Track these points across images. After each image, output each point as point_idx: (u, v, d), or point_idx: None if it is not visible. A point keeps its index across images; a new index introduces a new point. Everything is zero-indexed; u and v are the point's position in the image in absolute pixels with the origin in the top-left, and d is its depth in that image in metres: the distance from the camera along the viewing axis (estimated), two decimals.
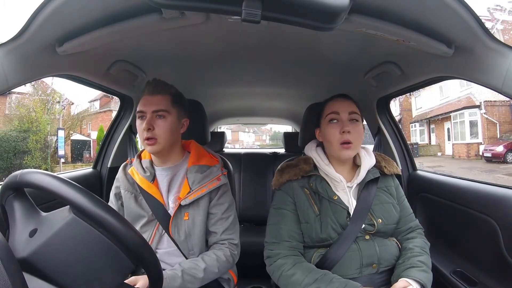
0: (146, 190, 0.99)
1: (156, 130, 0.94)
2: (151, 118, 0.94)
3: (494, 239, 0.92)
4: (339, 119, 0.94)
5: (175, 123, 0.98)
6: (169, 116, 0.96)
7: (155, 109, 0.94)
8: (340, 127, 0.93)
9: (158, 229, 1.00)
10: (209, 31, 0.92)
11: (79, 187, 0.53)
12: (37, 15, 0.68)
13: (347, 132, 0.91)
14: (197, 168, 1.02)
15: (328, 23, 0.58)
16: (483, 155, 11.65)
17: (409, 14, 0.70)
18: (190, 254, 0.99)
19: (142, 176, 1.00)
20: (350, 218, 0.91)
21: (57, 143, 11.80)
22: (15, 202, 0.58)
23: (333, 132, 0.93)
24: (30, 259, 0.51)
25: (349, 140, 0.91)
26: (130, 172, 1.03)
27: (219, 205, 1.02)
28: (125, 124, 1.52)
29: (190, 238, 0.98)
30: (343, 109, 0.94)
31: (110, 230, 0.53)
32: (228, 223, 1.03)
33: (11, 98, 12.42)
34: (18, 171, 0.56)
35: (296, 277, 0.84)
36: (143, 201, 1.00)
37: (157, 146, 0.95)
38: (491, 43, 0.71)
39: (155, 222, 0.99)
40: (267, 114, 2.74)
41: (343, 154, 0.92)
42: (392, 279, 0.88)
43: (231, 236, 1.03)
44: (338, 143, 0.92)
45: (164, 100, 0.96)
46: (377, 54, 1.09)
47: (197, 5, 0.56)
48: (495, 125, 12.44)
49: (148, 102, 0.95)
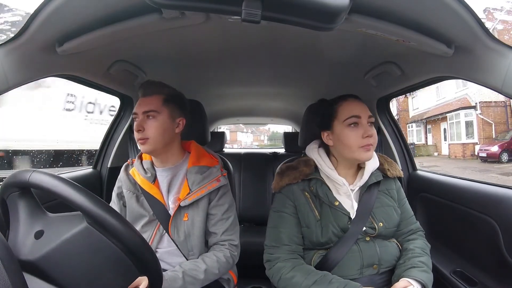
0: (147, 190, 1.00)
1: (147, 130, 0.95)
2: (142, 119, 0.95)
3: (494, 239, 0.92)
4: (360, 123, 0.91)
5: (167, 123, 0.97)
6: (159, 116, 0.96)
7: (145, 109, 0.95)
8: (361, 131, 0.90)
9: (158, 229, 1.00)
10: (209, 31, 0.92)
11: (92, 195, 0.53)
12: (37, 15, 0.68)
13: (370, 136, 0.89)
14: (197, 169, 1.02)
15: (328, 23, 0.58)
16: (478, 155, 11.70)
17: (409, 14, 0.70)
18: (189, 255, 0.99)
19: (143, 176, 1.01)
20: (351, 221, 0.90)
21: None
22: (20, 201, 0.57)
23: (354, 136, 0.90)
24: (38, 263, 0.51)
25: (371, 143, 0.90)
26: (132, 172, 1.03)
27: (219, 206, 1.02)
28: (125, 124, 1.52)
29: (190, 239, 0.99)
30: (364, 113, 0.91)
31: (110, 230, 0.53)
32: (228, 224, 1.03)
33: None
34: (27, 169, 0.55)
35: (295, 280, 0.84)
36: (144, 201, 1.00)
37: (148, 145, 0.95)
38: (491, 43, 0.71)
39: (156, 222, 1.00)
40: (267, 114, 2.74)
41: (364, 156, 0.90)
42: (393, 279, 0.88)
43: (231, 237, 1.02)
44: (358, 147, 0.90)
45: (155, 100, 0.97)
46: (377, 54, 1.09)
47: (197, 5, 0.56)
48: (490, 126, 12.46)
49: (141, 103, 0.97)
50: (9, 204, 0.58)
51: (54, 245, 0.52)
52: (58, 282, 0.51)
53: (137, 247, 0.55)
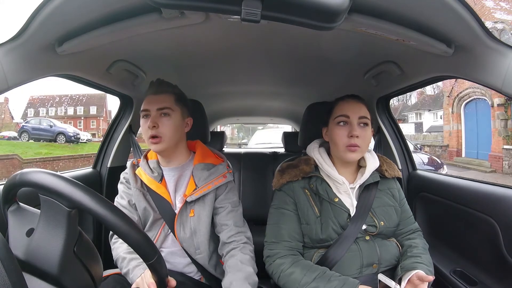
0: (154, 190, 0.99)
1: (161, 127, 0.94)
2: (155, 116, 0.95)
3: (494, 238, 0.92)
4: (348, 122, 0.93)
5: (179, 121, 0.99)
6: (174, 114, 0.97)
7: (160, 106, 0.95)
8: (348, 130, 0.92)
9: (163, 229, 1.00)
10: (208, 31, 0.92)
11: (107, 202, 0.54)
12: (37, 15, 0.67)
13: (355, 136, 0.90)
14: (202, 166, 1.02)
15: (328, 22, 0.58)
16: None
17: (409, 13, 0.70)
18: (197, 253, 0.98)
19: (150, 176, 1.00)
20: (350, 219, 0.91)
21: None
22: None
23: (340, 134, 0.92)
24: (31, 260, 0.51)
25: (356, 143, 0.90)
26: (138, 173, 1.03)
27: (227, 199, 1.02)
28: (124, 124, 1.52)
29: (196, 236, 0.98)
30: (354, 113, 0.93)
31: (121, 233, 0.54)
32: (238, 215, 1.03)
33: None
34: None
35: (295, 276, 0.85)
36: (151, 201, 1.00)
37: (162, 144, 0.95)
38: (491, 42, 0.71)
39: (161, 222, 1.00)
40: (267, 113, 2.74)
41: (348, 157, 0.92)
42: (400, 270, 0.87)
43: (242, 228, 1.02)
44: (344, 146, 0.91)
45: (168, 98, 0.97)
46: (377, 54, 1.09)
47: (197, 5, 0.56)
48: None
49: (152, 101, 0.96)
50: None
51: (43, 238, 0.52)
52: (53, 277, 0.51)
53: (148, 255, 0.57)
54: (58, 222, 0.52)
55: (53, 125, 15.59)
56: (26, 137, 15.30)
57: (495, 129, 9.80)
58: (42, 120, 16.65)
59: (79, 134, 16.51)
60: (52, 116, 23.57)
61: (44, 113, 26.46)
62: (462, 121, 11.91)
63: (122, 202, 1.03)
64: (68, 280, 0.52)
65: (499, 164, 9.60)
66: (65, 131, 15.54)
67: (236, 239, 0.99)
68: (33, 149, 13.00)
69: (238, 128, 18.88)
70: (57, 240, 0.52)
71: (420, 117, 23.69)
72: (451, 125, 12.18)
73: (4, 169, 9.72)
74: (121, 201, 1.04)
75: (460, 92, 11.49)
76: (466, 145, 11.81)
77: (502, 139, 9.55)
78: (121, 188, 1.06)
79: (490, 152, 10.04)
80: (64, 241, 0.52)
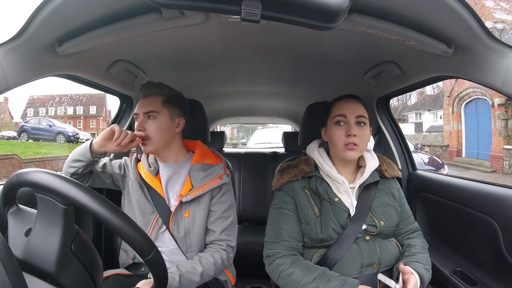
0: (149, 183, 1.03)
1: (148, 130, 0.98)
2: (143, 119, 0.99)
3: (494, 238, 0.92)
4: (346, 122, 0.93)
5: (167, 123, 1.00)
6: (160, 116, 0.99)
7: (145, 110, 0.98)
8: (346, 129, 0.92)
9: (157, 222, 1.01)
10: (208, 31, 0.92)
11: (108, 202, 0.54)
12: (37, 15, 0.67)
13: (353, 135, 0.91)
14: (200, 166, 1.04)
15: (328, 22, 0.58)
16: None
17: (409, 13, 0.70)
18: (188, 251, 1.00)
19: (147, 170, 1.04)
20: (350, 219, 0.91)
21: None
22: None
23: (338, 134, 0.93)
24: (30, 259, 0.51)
25: (355, 142, 0.91)
26: (138, 167, 1.07)
27: (220, 203, 1.03)
28: (124, 124, 1.51)
29: (189, 235, 0.99)
30: (351, 112, 0.93)
31: (116, 229, 0.53)
32: (227, 223, 1.03)
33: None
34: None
35: (294, 276, 0.85)
36: (147, 193, 1.03)
37: (150, 146, 0.99)
38: (491, 42, 0.71)
39: (155, 215, 1.01)
40: (267, 113, 2.74)
41: (347, 155, 0.92)
42: (395, 269, 0.88)
43: (229, 237, 1.03)
44: (342, 145, 0.92)
45: (154, 101, 0.99)
46: (377, 54, 1.09)
47: (197, 5, 0.56)
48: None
49: (141, 105, 1.00)
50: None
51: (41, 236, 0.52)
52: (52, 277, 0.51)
53: (145, 251, 0.57)
54: (54, 220, 0.53)
55: (52, 125, 15.57)
56: (26, 137, 15.27)
57: (496, 129, 9.84)
58: (41, 119, 16.62)
59: (79, 134, 16.46)
60: (51, 116, 23.56)
61: (44, 113, 26.44)
62: (462, 121, 11.94)
63: (106, 159, 1.09)
64: (66, 279, 0.52)
65: (499, 164, 9.62)
66: (64, 131, 15.50)
67: (217, 243, 1.01)
68: (33, 148, 13.00)
69: (238, 128, 18.91)
70: (54, 238, 0.52)
71: (420, 117, 23.67)
72: (451, 125, 12.20)
73: (3, 169, 9.71)
74: (106, 158, 1.09)
75: (460, 92, 11.51)
76: (466, 145, 11.83)
77: (503, 139, 9.58)
78: (116, 160, 1.10)
79: (490, 152, 10.05)
80: (60, 238, 0.52)
